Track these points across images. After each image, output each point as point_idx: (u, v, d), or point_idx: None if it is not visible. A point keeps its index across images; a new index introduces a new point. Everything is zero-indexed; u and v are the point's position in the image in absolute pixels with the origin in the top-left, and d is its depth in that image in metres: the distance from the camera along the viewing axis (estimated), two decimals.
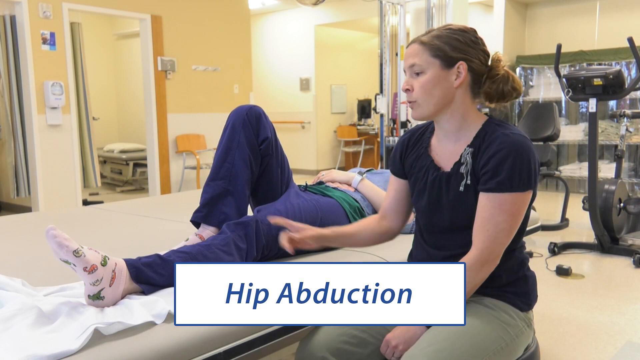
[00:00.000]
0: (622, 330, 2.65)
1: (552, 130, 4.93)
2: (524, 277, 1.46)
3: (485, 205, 1.35)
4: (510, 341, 1.36)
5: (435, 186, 1.45)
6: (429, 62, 1.38)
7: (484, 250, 1.34)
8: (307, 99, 9.21)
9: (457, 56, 1.38)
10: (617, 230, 4.02)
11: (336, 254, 1.84)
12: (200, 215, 1.79)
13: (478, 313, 1.37)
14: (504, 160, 1.32)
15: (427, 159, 1.48)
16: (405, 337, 1.34)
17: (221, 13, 6.94)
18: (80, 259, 1.27)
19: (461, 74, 1.38)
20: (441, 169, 1.45)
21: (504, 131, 1.37)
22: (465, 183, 1.39)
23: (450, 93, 1.40)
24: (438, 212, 1.45)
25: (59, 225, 2.35)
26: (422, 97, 1.40)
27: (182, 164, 6.68)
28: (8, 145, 5.50)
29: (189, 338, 1.22)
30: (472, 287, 1.36)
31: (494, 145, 1.35)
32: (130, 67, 8.95)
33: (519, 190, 1.33)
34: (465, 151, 1.41)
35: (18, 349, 1.09)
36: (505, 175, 1.32)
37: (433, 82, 1.38)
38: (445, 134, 1.46)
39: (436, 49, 1.38)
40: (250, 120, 1.84)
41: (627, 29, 6.75)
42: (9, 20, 5.29)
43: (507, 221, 1.34)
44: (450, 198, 1.42)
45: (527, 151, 1.33)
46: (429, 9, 5.68)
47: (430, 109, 1.41)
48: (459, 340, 1.28)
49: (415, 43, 1.41)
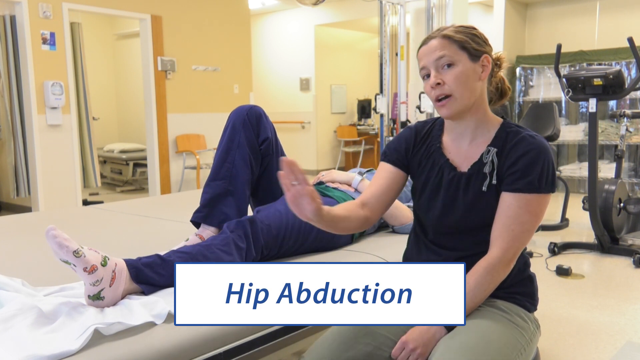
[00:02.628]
0: (622, 330, 2.65)
1: (552, 130, 4.93)
2: (529, 277, 1.47)
3: (511, 205, 1.33)
4: (526, 345, 1.35)
5: (452, 186, 1.41)
6: (459, 54, 1.34)
7: (509, 250, 1.33)
8: (307, 99, 9.21)
9: (481, 49, 1.37)
10: (617, 230, 4.02)
11: (336, 254, 1.84)
12: (200, 215, 1.79)
13: (494, 317, 1.34)
14: (535, 162, 1.32)
15: (441, 157, 1.44)
16: (424, 340, 1.28)
17: (221, 13, 6.94)
18: (80, 259, 1.27)
19: (487, 68, 1.37)
20: (458, 169, 1.42)
21: (528, 133, 1.37)
22: (489, 183, 1.37)
23: (479, 87, 1.38)
24: (451, 213, 1.41)
25: (59, 225, 2.35)
26: (459, 90, 1.34)
27: (182, 164, 6.68)
28: (8, 145, 5.50)
29: (189, 338, 1.22)
30: (493, 287, 1.35)
31: (521, 146, 1.34)
32: (130, 67, 8.95)
33: (545, 191, 1.33)
34: (487, 151, 1.38)
35: (18, 349, 1.09)
36: (535, 176, 1.32)
37: (467, 74, 1.34)
38: (461, 133, 1.43)
39: (462, 42, 1.35)
40: (251, 120, 1.84)
41: (627, 29, 6.75)
42: (9, 20, 5.29)
43: (531, 222, 1.33)
44: (468, 199, 1.39)
45: (551, 153, 1.35)
46: (429, 9, 5.68)
47: (465, 102, 1.35)
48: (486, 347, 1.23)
49: (437, 38, 1.37)
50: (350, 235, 1.98)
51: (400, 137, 1.53)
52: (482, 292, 1.33)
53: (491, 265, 1.32)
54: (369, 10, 8.12)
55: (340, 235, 1.91)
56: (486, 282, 1.32)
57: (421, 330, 1.30)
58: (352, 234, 1.97)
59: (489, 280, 1.33)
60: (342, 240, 1.94)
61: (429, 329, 1.30)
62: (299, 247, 1.81)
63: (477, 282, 1.32)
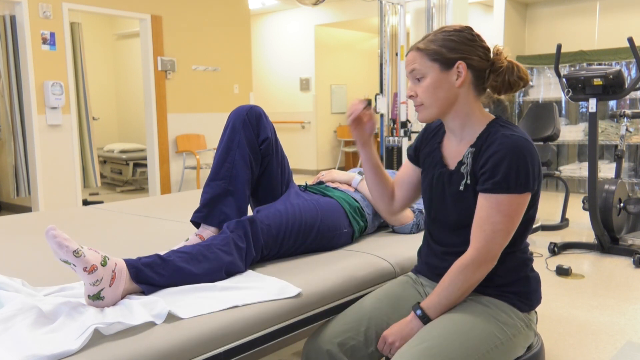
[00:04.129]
0: (622, 330, 2.65)
1: (552, 130, 4.93)
2: (525, 277, 1.46)
3: (482, 206, 1.36)
4: (506, 340, 1.36)
5: (439, 182, 1.49)
6: (428, 67, 1.41)
7: (481, 250, 1.35)
8: (307, 99, 9.21)
9: (454, 57, 1.40)
10: (617, 230, 4.02)
11: (336, 254, 1.84)
12: (200, 215, 1.79)
13: (474, 311, 1.38)
14: (501, 161, 1.33)
15: (438, 154, 1.53)
16: (402, 334, 1.37)
17: (221, 13, 6.94)
18: (80, 259, 1.27)
19: (461, 74, 1.40)
20: (446, 166, 1.49)
21: (505, 132, 1.37)
22: (465, 183, 1.41)
23: (453, 93, 1.42)
24: (443, 209, 1.48)
25: (59, 225, 2.35)
26: (427, 100, 1.43)
27: (182, 164, 6.68)
28: (8, 145, 5.50)
29: (189, 338, 1.22)
30: (468, 287, 1.38)
31: (493, 146, 1.36)
32: (130, 67, 8.95)
33: (515, 192, 1.33)
34: (467, 151, 1.43)
35: (18, 349, 1.09)
36: (501, 176, 1.33)
37: (435, 85, 1.41)
38: (452, 132, 1.50)
39: (433, 53, 1.40)
40: (251, 120, 1.84)
41: (627, 29, 6.75)
42: (9, 20, 5.29)
43: (503, 222, 1.34)
44: (452, 196, 1.45)
45: (526, 153, 1.33)
46: (429, 9, 5.69)
47: (435, 110, 1.44)
48: (450, 337, 1.30)
49: (413, 50, 1.45)
50: (351, 235, 1.98)
51: (417, 136, 1.67)
52: (456, 290, 1.37)
53: (464, 265, 1.36)
54: (369, 10, 8.12)
55: (340, 235, 1.91)
56: (459, 281, 1.37)
57: (400, 325, 1.40)
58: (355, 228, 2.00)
59: (462, 279, 1.36)
60: (342, 240, 1.94)
61: (407, 324, 1.39)
62: (299, 247, 1.81)
63: (451, 280, 1.38)
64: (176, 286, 1.45)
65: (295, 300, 1.45)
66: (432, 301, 1.39)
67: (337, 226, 1.89)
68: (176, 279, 1.46)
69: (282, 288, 1.48)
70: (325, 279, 1.58)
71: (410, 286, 1.57)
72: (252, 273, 1.60)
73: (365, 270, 1.70)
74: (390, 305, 1.50)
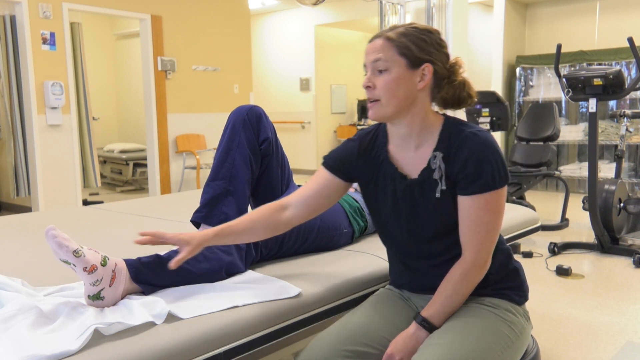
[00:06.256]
0: (622, 330, 2.65)
1: (552, 130, 4.93)
2: (514, 269, 1.47)
3: (471, 208, 1.32)
4: (515, 339, 1.36)
5: (406, 195, 1.39)
6: (395, 60, 1.32)
7: (481, 252, 1.33)
8: (307, 99, 9.21)
9: (423, 57, 1.32)
10: (617, 230, 4.02)
11: (336, 254, 1.84)
12: (200, 215, 1.79)
13: (480, 314, 1.37)
14: (483, 161, 1.30)
15: (390, 167, 1.42)
16: (407, 348, 1.32)
17: (221, 13, 6.94)
18: (80, 259, 1.27)
19: (426, 77, 1.33)
20: (408, 177, 1.39)
21: (467, 130, 1.34)
22: (441, 189, 1.35)
23: (413, 95, 1.34)
24: (419, 221, 1.39)
25: (59, 225, 2.35)
26: (385, 97, 1.32)
27: (182, 164, 6.68)
28: (8, 145, 5.50)
29: (189, 338, 1.22)
30: (470, 291, 1.37)
31: (466, 147, 1.32)
32: (130, 67, 8.95)
33: (500, 186, 1.32)
34: (433, 156, 1.36)
35: (18, 349, 1.09)
36: (488, 176, 1.30)
37: (397, 82, 1.31)
38: (403, 139, 1.40)
39: (403, 47, 1.31)
40: (251, 120, 1.84)
41: (627, 29, 6.76)
42: (9, 20, 5.29)
43: (494, 220, 1.33)
44: (428, 205, 1.37)
45: (495, 146, 1.32)
46: (429, 9, 5.69)
47: (391, 109, 1.33)
48: (465, 340, 1.27)
49: (381, 38, 1.34)
50: (351, 235, 1.98)
51: (343, 147, 1.51)
52: (460, 297, 1.36)
53: (466, 271, 1.34)
54: (369, 10, 8.12)
55: (340, 235, 1.91)
56: (463, 288, 1.35)
57: (404, 339, 1.33)
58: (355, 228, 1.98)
59: (466, 285, 1.35)
60: (342, 240, 1.94)
61: (411, 336, 1.33)
62: (299, 247, 1.81)
63: (455, 288, 1.34)
64: (176, 286, 1.45)
65: (295, 300, 1.45)
66: (435, 310, 1.34)
67: (337, 226, 1.89)
68: (176, 279, 1.46)
69: (282, 288, 1.48)
70: (325, 279, 1.58)
71: (398, 298, 1.51)
72: (252, 273, 1.59)
73: (365, 270, 1.70)
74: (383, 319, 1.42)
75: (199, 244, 1.36)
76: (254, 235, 1.46)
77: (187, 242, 1.35)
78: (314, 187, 1.49)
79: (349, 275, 1.65)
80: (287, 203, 1.49)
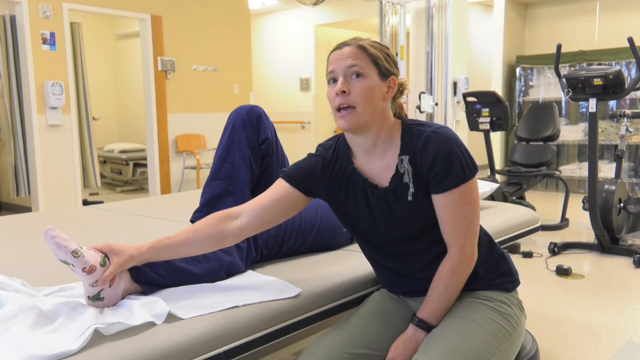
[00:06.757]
0: (622, 330, 2.65)
1: (552, 130, 4.93)
2: (500, 255, 1.48)
3: (448, 204, 1.33)
4: (512, 330, 1.38)
5: (381, 204, 1.39)
6: (370, 68, 1.33)
7: (466, 245, 1.35)
8: (307, 99, 9.21)
9: (391, 70, 1.37)
10: (617, 230, 4.02)
11: (336, 254, 1.84)
12: (200, 215, 1.79)
13: (475, 308, 1.38)
14: (449, 156, 1.31)
15: (359, 178, 1.41)
16: (408, 350, 1.33)
17: (221, 13, 6.94)
18: (79, 260, 1.27)
19: (392, 89, 1.37)
20: (379, 186, 1.40)
21: (430, 129, 1.35)
22: (412, 191, 1.35)
23: (382, 105, 1.36)
24: (392, 227, 1.40)
25: (59, 225, 2.35)
26: (362, 104, 1.31)
27: (182, 164, 6.68)
28: (8, 145, 5.50)
29: (188, 338, 1.22)
30: (461, 286, 1.38)
31: (430, 146, 1.32)
32: (130, 67, 8.95)
33: (471, 177, 1.34)
34: (400, 161, 1.36)
35: (18, 349, 1.09)
36: (458, 169, 1.31)
37: (373, 89, 1.32)
38: (367, 150, 1.40)
39: (375, 57, 1.34)
40: (251, 120, 1.84)
41: (627, 29, 6.76)
42: (9, 20, 5.29)
43: (472, 210, 1.35)
44: (402, 210, 1.37)
45: (458, 139, 1.34)
46: (429, 9, 5.69)
47: (366, 118, 1.32)
48: (465, 336, 1.29)
49: (353, 46, 1.34)
50: (350, 235, 1.98)
51: (306, 161, 1.48)
52: (452, 292, 1.37)
53: (455, 266, 1.35)
54: (369, 10, 8.12)
55: (340, 235, 1.91)
56: (454, 283, 1.36)
57: (404, 342, 1.35)
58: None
59: (457, 280, 1.36)
60: (342, 240, 1.94)
61: (410, 339, 1.35)
62: (299, 247, 1.81)
63: (446, 285, 1.36)
64: (176, 286, 1.45)
65: (295, 300, 1.45)
66: (430, 309, 1.36)
67: (337, 226, 1.89)
68: (176, 279, 1.46)
69: (282, 288, 1.48)
70: (325, 279, 1.58)
71: (394, 300, 1.52)
72: (252, 273, 1.59)
73: (365, 270, 1.70)
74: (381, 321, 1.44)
75: (130, 256, 1.33)
76: (196, 247, 1.40)
77: (117, 254, 1.32)
78: (272, 197, 1.45)
79: (349, 275, 1.64)
80: (238, 212, 1.44)
